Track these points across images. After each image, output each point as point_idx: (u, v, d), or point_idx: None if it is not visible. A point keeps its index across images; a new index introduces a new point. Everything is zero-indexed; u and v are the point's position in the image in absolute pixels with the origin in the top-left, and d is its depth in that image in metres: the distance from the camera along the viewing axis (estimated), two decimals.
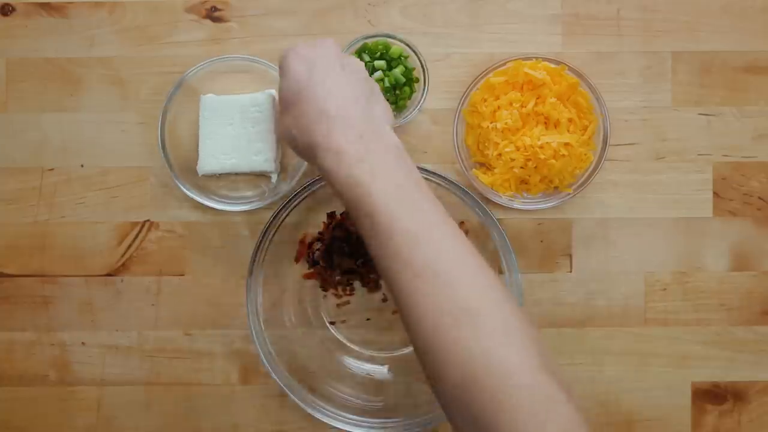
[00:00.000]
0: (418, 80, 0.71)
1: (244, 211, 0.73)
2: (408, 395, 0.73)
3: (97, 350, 0.74)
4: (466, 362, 0.47)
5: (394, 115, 0.71)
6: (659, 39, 0.73)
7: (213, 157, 0.70)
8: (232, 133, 0.70)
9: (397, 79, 0.70)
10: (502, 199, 0.71)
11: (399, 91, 0.70)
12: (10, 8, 0.73)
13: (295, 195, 0.68)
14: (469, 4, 0.73)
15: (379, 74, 0.69)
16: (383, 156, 0.53)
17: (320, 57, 0.57)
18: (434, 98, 0.72)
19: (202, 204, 0.70)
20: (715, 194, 0.73)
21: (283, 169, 0.72)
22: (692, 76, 0.73)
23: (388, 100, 0.70)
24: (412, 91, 0.71)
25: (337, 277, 0.73)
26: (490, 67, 0.70)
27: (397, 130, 0.73)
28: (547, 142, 0.68)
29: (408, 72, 0.70)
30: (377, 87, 0.59)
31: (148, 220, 0.73)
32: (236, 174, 0.72)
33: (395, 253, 0.50)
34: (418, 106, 0.70)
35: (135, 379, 0.74)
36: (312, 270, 0.73)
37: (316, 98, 0.55)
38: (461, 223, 0.73)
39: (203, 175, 0.71)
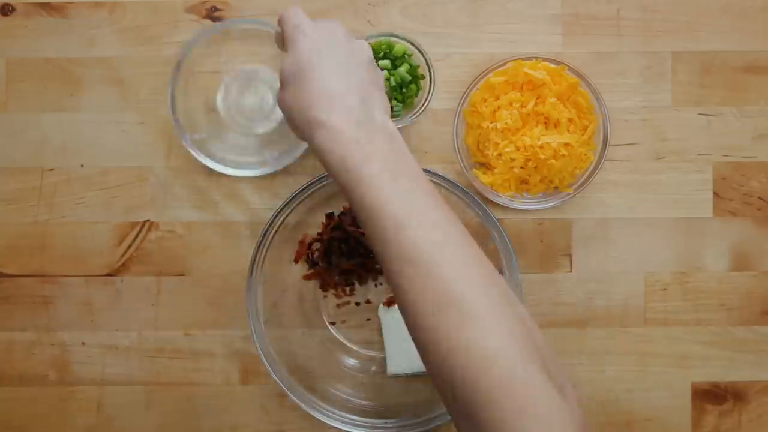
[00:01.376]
0: (423, 77, 0.71)
1: (245, 212, 0.73)
2: (408, 395, 0.73)
3: (97, 350, 0.74)
4: (448, 351, 0.47)
5: (403, 114, 0.71)
6: (659, 39, 0.73)
7: (404, 360, 0.71)
8: None
9: (402, 78, 0.70)
10: (502, 199, 0.71)
11: (405, 89, 0.70)
12: (10, 8, 0.73)
13: (295, 195, 0.68)
14: (469, 4, 0.73)
15: (384, 74, 0.69)
16: (379, 140, 0.53)
17: (329, 39, 0.57)
18: (434, 98, 0.72)
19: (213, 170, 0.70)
20: (715, 194, 0.73)
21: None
22: (692, 76, 0.73)
23: (395, 98, 0.70)
24: (418, 89, 0.71)
25: (336, 278, 0.73)
26: (490, 67, 0.70)
27: (400, 128, 0.73)
28: (547, 142, 0.68)
29: (413, 69, 0.70)
30: (381, 75, 0.59)
31: (148, 220, 0.73)
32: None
33: (383, 237, 0.50)
34: (426, 103, 0.70)
35: (135, 379, 0.74)
36: (312, 271, 0.73)
37: (319, 78, 0.55)
38: None
39: None
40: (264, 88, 0.73)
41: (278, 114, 0.73)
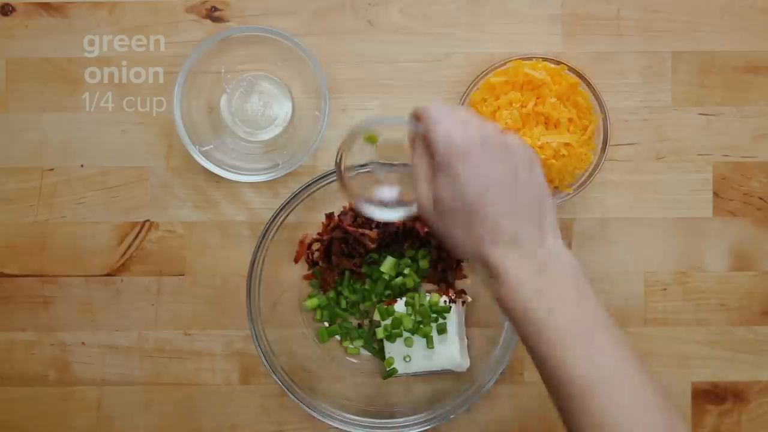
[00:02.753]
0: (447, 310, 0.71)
1: (245, 212, 0.73)
2: (408, 395, 0.73)
3: (97, 350, 0.74)
4: None
5: None
6: (659, 39, 0.73)
7: (402, 360, 0.71)
8: (416, 341, 0.71)
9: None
10: None
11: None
12: (10, 8, 0.73)
13: (295, 195, 0.68)
14: (469, 4, 0.73)
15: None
16: (562, 287, 0.49)
17: (490, 160, 0.50)
18: (434, 98, 0.72)
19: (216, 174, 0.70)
20: (715, 194, 0.73)
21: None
22: (692, 76, 0.73)
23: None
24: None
25: (336, 278, 0.73)
26: (490, 67, 0.70)
27: (400, 128, 0.73)
28: (547, 142, 0.68)
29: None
30: (546, 190, 0.52)
31: (148, 220, 0.73)
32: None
33: (567, 402, 0.48)
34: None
35: (135, 379, 0.74)
36: (312, 271, 0.73)
37: (488, 214, 0.49)
38: None
39: None
40: (266, 95, 0.73)
41: (281, 120, 0.73)
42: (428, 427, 0.69)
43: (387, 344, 0.71)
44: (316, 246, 0.73)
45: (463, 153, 0.49)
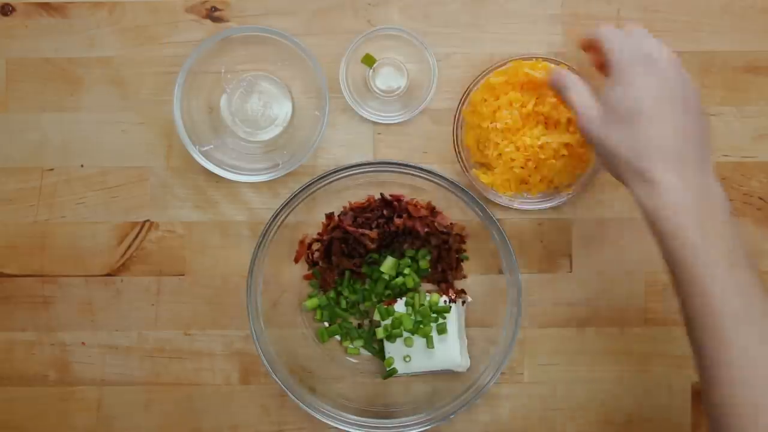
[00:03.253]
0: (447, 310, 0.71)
1: (245, 212, 0.73)
2: (408, 395, 0.73)
3: (97, 350, 0.74)
4: None
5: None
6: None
7: (402, 361, 0.71)
8: (416, 341, 0.71)
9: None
10: (502, 199, 0.71)
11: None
12: (10, 8, 0.73)
13: (295, 195, 0.68)
14: (469, 4, 0.73)
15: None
16: (717, 216, 0.51)
17: (668, 81, 0.54)
18: (434, 98, 0.72)
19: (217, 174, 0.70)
20: None
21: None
22: (692, 76, 0.72)
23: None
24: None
25: (336, 278, 0.73)
26: (490, 67, 0.70)
27: (400, 128, 0.73)
28: (547, 142, 0.68)
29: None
30: (708, 125, 0.56)
31: (148, 220, 0.73)
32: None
33: (713, 334, 0.49)
34: (424, 104, 0.71)
35: (135, 379, 0.74)
36: (312, 271, 0.73)
37: (657, 131, 0.52)
38: (462, 228, 0.73)
39: None
40: (266, 95, 0.72)
41: (281, 120, 0.73)
42: (428, 427, 0.69)
43: (387, 344, 0.71)
44: (316, 246, 0.73)
45: (641, 62, 0.53)
